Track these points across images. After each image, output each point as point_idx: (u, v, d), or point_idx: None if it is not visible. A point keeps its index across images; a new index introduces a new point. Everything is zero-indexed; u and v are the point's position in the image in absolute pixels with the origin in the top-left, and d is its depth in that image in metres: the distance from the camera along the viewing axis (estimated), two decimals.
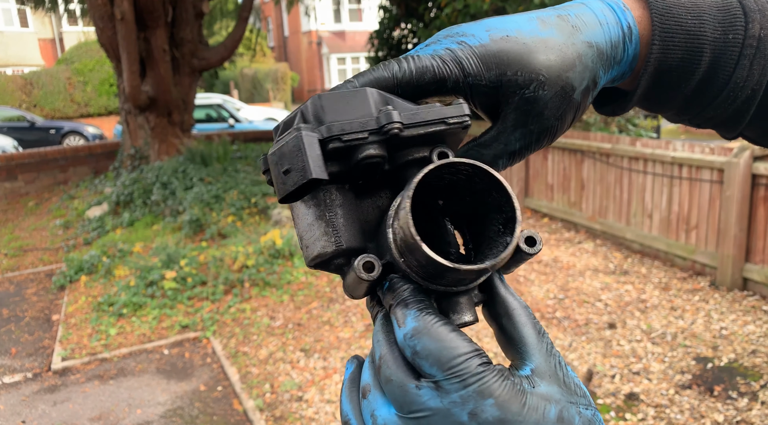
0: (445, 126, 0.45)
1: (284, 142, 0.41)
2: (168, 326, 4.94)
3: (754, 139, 0.57)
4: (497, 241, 0.42)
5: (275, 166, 0.41)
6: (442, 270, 0.38)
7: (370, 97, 0.44)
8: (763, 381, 3.57)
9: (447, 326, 0.38)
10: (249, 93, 26.31)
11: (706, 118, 0.54)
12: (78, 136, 16.51)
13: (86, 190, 9.90)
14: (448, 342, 0.37)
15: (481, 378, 0.36)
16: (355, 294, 0.46)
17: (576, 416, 0.38)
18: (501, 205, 0.42)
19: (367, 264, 0.42)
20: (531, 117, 0.48)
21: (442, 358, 0.37)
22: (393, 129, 0.42)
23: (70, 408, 3.87)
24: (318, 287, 5.44)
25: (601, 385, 3.65)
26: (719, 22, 0.50)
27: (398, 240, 0.40)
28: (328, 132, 0.42)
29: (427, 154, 0.46)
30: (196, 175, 8.04)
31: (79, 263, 6.23)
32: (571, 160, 6.71)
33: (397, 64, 0.47)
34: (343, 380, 0.46)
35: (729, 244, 4.81)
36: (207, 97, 14.68)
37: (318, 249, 0.43)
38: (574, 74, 0.48)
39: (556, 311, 4.70)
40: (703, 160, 5.00)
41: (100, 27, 8.62)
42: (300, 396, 3.78)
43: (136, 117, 9.36)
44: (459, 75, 0.47)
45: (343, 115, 0.43)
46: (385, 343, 0.41)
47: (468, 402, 0.35)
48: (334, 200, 0.44)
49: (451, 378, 0.36)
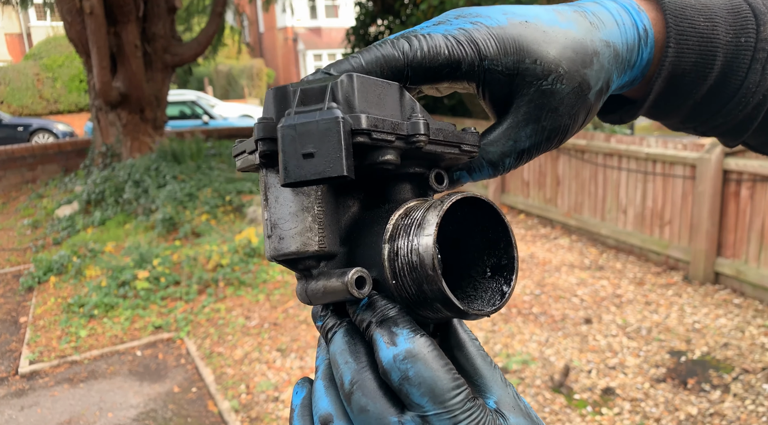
0: (459, 151, 0.43)
1: (314, 119, 0.35)
2: (141, 327, 4.84)
3: (756, 146, 0.56)
4: (482, 284, 0.40)
5: (292, 141, 0.35)
6: (444, 307, 0.36)
7: (402, 96, 0.41)
8: (734, 374, 3.63)
9: (439, 352, 0.36)
10: (224, 89, 26.01)
11: (714, 125, 0.52)
12: (47, 134, 16.12)
13: (56, 189, 9.66)
14: (442, 372, 0.34)
15: (471, 414, 0.34)
16: (316, 302, 0.41)
17: None
18: (496, 248, 0.40)
19: (360, 280, 0.38)
20: (545, 112, 0.45)
21: (435, 389, 0.34)
22: (420, 141, 0.39)
23: (39, 413, 3.76)
24: (294, 286, 5.38)
25: (577, 380, 3.67)
26: (730, 25, 0.47)
27: (400, 261, 0.37)
28: (358, 123, 0.36)
29: (422, 171, 0.43)
30: (169, 173, 7.90)
31: (48, 263, 6.07)
32: (547, 156, 6.75)
33: (407, 42, 0.42)
34: (291, 406, 0.42)
35: (701, 239, 4.89)
36: (180, 94, 14.46)
37: (296, 246, 0.39)
38: (591, 72, 0.45)
39: (533, 307, 4.72)
40: (676, 156, 5.06)
41: (68, 21, 8.42)
42: (276, 396, 3.73)
43: (107, 114, 9.16)
44: (475, 57, 0.43)
45: (374, 108, 0.38)
46: (356, 366, 0.37)
47: None
48: (324, 194, 0.40)
49: (442, 413, 0.33)
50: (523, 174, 7.18)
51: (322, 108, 0.36)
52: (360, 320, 0.38)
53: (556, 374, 3.69)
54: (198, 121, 13.69)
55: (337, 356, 0.38)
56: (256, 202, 7.40)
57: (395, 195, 0.43)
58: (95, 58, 8.05)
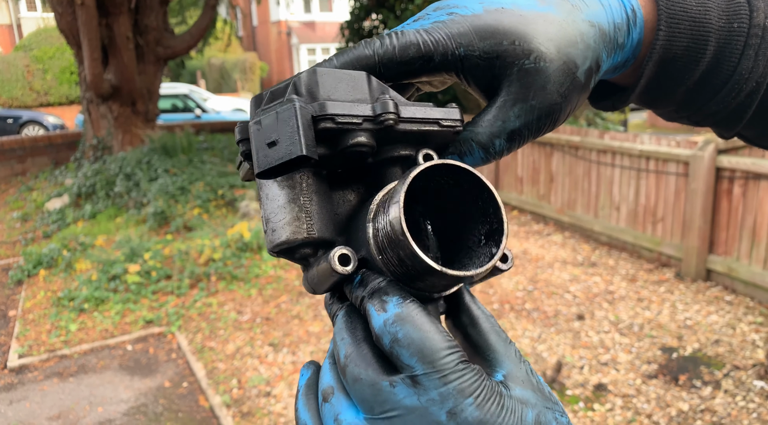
0: (438, 127, 0.44)
1: (273, 111, 0.38)
2: (131, 321, 4.80)
3: (751, 138, 0.55)
4: (477, 251, 0.41)
5: (258, 134, 0.38)
6: (425, 272, 0.36)
7: (369, 82, 0.42)
8: (725, 370, 3.64)
9: (429, 317, 0.36)
10: (216, 83, 25.85)
11: (708, 113, 0.51)
12: (37, 126, 15.97)
13: (46, 182, 9.58)
14: (432, 333, 0.35)
15: (462, 375, 0.34)
16: (318, 289, 0.43)
17: (553, 421, 0.36)
18: (487, 215, 0.40)
19: (343, 257, 0.39)
20: (532, 90, 0.44)
21: (424, 349, 0.34)
22: (389, 119, 0.40)
23: (28, 407, 3.72)
24: (287, 281, 5.36)
25: (570, 376, 3.68)
26: (723, 9, 0.47)
27: (380, 235, 0.38)
28: (321, 109, 0.39)
29: (411, 153, 0.44)
30: (161, 166, 7.84)
31: (38, 257, 6.01)
32: (541, 152, 6.76)
33: (379, 41, 0.44)
34: (297, 387, 0.43)
35: (693, 236, 4.90)
36: (173, 87, 14.35)
37: (286, 235, 0.40)
38: (576, 51, 0.45)
39: (526, 303, 4.73)
40: (670, 153, 5.08)
41: (59, 12, 8.32)
42: (268, 391, 3.72)
43: (98, 106, 9.07)
44: (448, 47, 0.43)
45: (338, 95, 0.40)
46: (350, 341, 0.38)
47: (447, 401, 0.33)
48: (310, 185, 0.41)
49: (430, 372, 0.34)
50: (516, 170, 7.19)
51: (281, 100, 0.39)
52: (355, 297, 0.39)
53: (549, 370, 3.69)
54: (190, 115, 13.60)
55: (336, 335, 0.39)
56: (249, 197, 7.36)
57: (386, 180, 0.44)
58: (86, 50, 7.96)
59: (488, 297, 4.86)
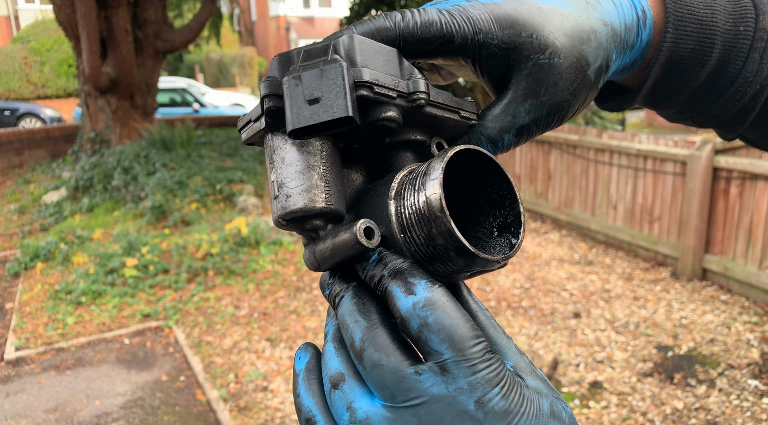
0: (459, 117, 0.43)
1: (317, 68, 0.36)
2: (129, 315, 4.81)
3: (753, 140, 0.55)
4: (490, 242, 0.40)
5: (296, 90, 0.36)
6: (458, 252, 0.35)
7: (400, 59, 0.41)
8: (720, 369, 3.67)
9: (457, 304, 0.35)
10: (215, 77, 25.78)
11: (711, 115, 0.51)
12: (34, 119, 15.91)
13: (43, 175, 9.55)
14: (462, 321, 0.34)
15: (490, 365, 0.34)
16: (323, 264, 0.41)
17: (563, 411, 0.36)
18: (501, 207, 0.40)
19: (369, 230, 0.38)
20: (544, 87, 0.44)
21: (455, 336, 0.33)
22: (420, 99, 0.40)
23: (24, 400, 3.73)
24: (285, 276, 5.36)
25: (566, 374, 3.70)
26: (729, 13, 0.48)
27: (407, 212, 0.37)
28: (361, 76, 0.37)
29: (425, 139, 0.43)
30: (159, 160, 7.83)
31: (35, 249, 6.00)
32: (539, 150, 6.77)
33: (401, 14, 0.43)
34: (294, 371, 0.41)
35: (690, 235, 4.92)
36: (171, 81, 14.30)
37: (304, 202, 0.38)
38: (589, 49, 0.45)
39: (522, 300, 4.74)
40: (667, 153, 5.09)
41: (57, 4, 8.28)
42: (265, 386, 3.73)
43: (96, 99, 9.04)
44: (469, 31, 0.43)
45: (374, 66, 0.39)
46: (366, 324, 0.36)
47: (476, 390, 0.33)
48: (331, 154, 0.40)
49: (460, 361, 0.33)
50: (514, 167, 7.20)
51: (326, 59, 0.38)
52: (371, 276, 0.38)
53: (545, 367, 3.71)
54: (188, 109, 13.56)
55: (346, 317, 0.38)
56: (247, 191, 7.36)
57: (398, 163, 0.43)
58: (85, 43, 7.93)
59: (485, 294, 4.87)
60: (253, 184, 7.76)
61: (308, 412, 0.37)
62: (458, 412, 0.32)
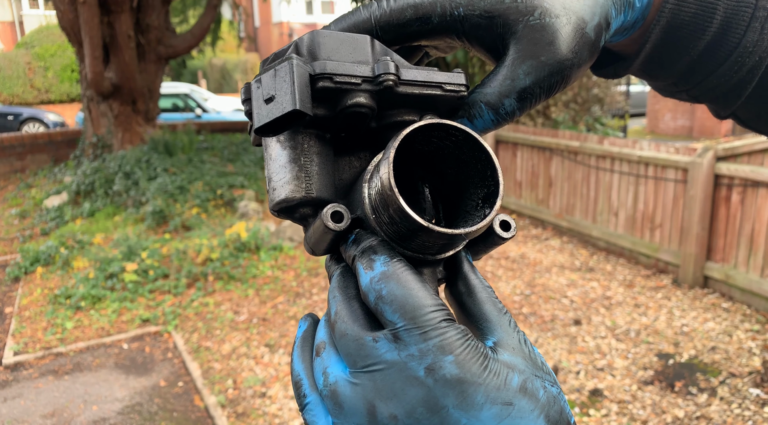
0: (441, 91, 0.42)
1: (272, 69, 0.39)
2: (128, 320, 4.80)
3: (746, 120, 0.54)
4: (474, 215, 0.40)
5: (257, 92, 0.39)
6: (415, 229, 0.36)
7: (372, 45, 0.42)
8: (721, 378, 3.64)
9: (416, 276, 0.36)
10: (217, 83, 25.87)
11: (708, 88, 0.50)
12: (37, 123, 15.96)
13: (45, 179, 9.57)
14: (416, 291, 0.35)
15: (444, 333, 0.34)
16: (316, 249, 0.43)
17: (541, 389, 0.35)
18: (485, 178, 0.40)
19: (336, 214, 0.40)
20: (541, 46, 0.42)
21: (406, 305, 0.35)
22: (388, 80, 0.40)
23: (22, 405, 3.71)
24: (284, 281, 5.35)
25: (566, 381, 3.67)
26: None
27: (374, 194, 0.39)
28: (321, 68, 0.39)
29: (415, 118, 0.43)
30: (160, 165, 7.84)
31: (36, 254, 6.00)
32: (540, 157, 6.76)
33: (376, 3, 0.43)
34: (295, 338, 0.44)
35: (691, 243, 4.90)
36: (174, 87, 14.34)
37: (286, 193, 0.41)
38: (583, 7, 0.43)
39: (523, 307, 4.72)
40: (668, 160, 5.08)
41: (61, 10, 8.33)
42: (263, 392, 3.71)
43: (98, 104, 9.07)
44: (446, 7, 0.42)
45: (339, 57, 0.40)
46: (341, 298, 0.39)
47: (426, 357, 0.33)
48: (312, 146, 0.42)
49: (412, 328, 0.34)
50: (515, 174, 7.19)
51: (282, 58, 0.39)
52: (347, 256, 0.40)
53: None
54: (191, 115, 13.59)
55: (329, 293, 0.40)
56: (248, 197, 7.36)
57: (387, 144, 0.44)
58: (88, 48, 7.97)
59: None
60: (253, 189, 7.76)
61: (297, 376, 0.40)
62: (408, 378, 0.33)
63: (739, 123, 0.55)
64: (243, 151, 9.45)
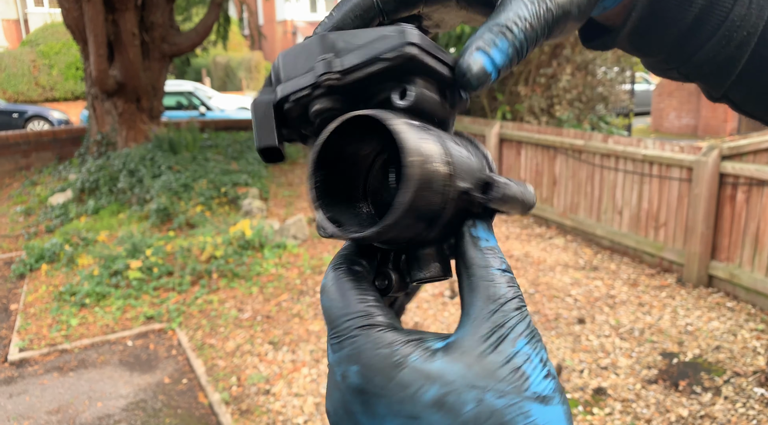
0: (385, 63, 0.35)
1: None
2: (132, 317, 4.81)
3: (739, 102, 0.53)
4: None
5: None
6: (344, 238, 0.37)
7: (318, 45, 0.38)
8: (726, 377, 3.63)
9: (349, 283, 0.36)
10: (222, 81, 25.89)
11: (697, 64, 0.50)
12: (42, 121, 16.00)
13: (49, 176, 9.60)
14: (340, 300, 0.36)
15: (354, 342, 0.34)
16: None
17: (469, 404, 0.30)
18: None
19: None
20: None
21: (330, 315, 0.36)
22: (326, 80, 0.37)
23: (27, 401, 3.73)
24: (288, 279, 5.36)
25: (569, 380, 3.67)
26: None
27: None
28: (281, 93, 0.39)
29: (390, 95, 0.37)
30: (165, 163, 7.85)
31: (40, 251, 6.03)
32: (544, 155, 6.75)
33: None
34: None
35: (696, 242, 4.89)
36: (178, 84, 14.36)
37: None
38: None
39: (527, 306, 4.72)
40: (673, 158, 5.06)
41: (65, 8, 8.34)
42: (267, 389, 3.72)
43: (103, 102, 9.09)
44: None
45: (294, 71, 0.40)
46: None
47: (340, 365, 0.34)
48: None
49: (332, 337, 0.35)
50: (519, 173, 7.18)
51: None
52: None
53: None
54: (195, 112, 13.61)
55: None
56: (252, 195, 7.37)
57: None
58: (92, 46, 7.98)
59: None
60: (258, 187, 7.77)
61: None
62: (333, 381, 0.35)
63: (733, 106, 0.55)
64: (247, 149, 9.46)
